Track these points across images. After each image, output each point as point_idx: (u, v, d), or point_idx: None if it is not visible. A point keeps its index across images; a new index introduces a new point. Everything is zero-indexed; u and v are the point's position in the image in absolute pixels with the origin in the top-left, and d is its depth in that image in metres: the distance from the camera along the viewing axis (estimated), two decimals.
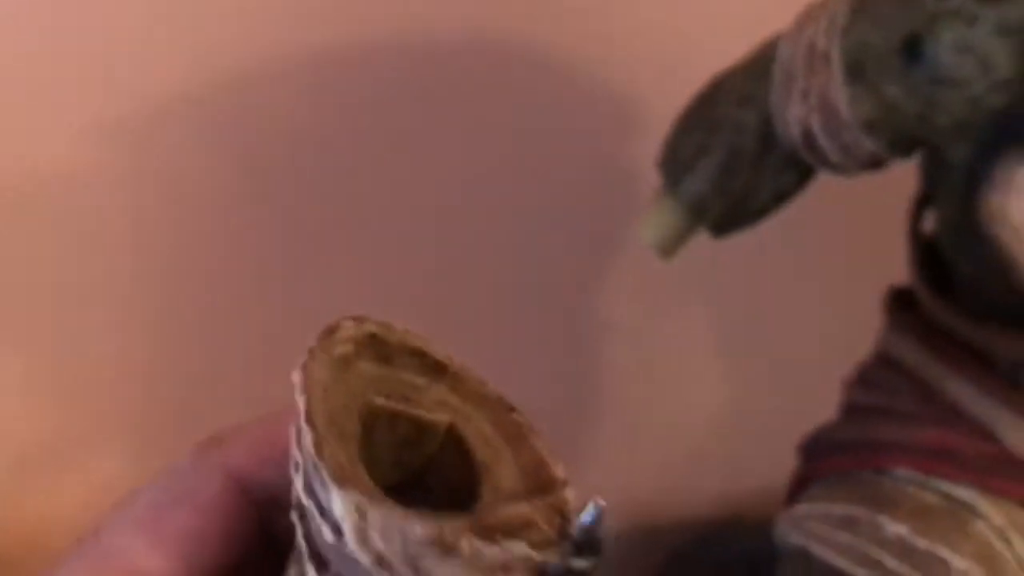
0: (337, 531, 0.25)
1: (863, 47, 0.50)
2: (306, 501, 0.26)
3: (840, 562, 0.55)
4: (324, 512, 0.25)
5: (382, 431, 0.28)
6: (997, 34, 0.48)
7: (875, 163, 0.52)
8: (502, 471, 0.27)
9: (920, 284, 0.58)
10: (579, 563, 0.27)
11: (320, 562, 0.26)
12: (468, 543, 0.25)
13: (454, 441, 0.28)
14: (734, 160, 0.55)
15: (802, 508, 0.58)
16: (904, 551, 0.54)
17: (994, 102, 0.49)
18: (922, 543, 0.53)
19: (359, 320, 0.28)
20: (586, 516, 0.27)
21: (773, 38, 0.55)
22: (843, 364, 0.62)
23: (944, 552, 0.53)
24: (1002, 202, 0.50)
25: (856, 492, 0.56)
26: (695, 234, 0.56)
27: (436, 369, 0.29)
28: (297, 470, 0.26)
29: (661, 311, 0.75)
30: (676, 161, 0.56)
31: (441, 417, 0.28)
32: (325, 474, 0.25)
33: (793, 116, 0.52)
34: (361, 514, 0.25)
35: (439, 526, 0.25)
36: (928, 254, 0.58)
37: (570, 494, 0.28)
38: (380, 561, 0.25)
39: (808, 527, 0.57)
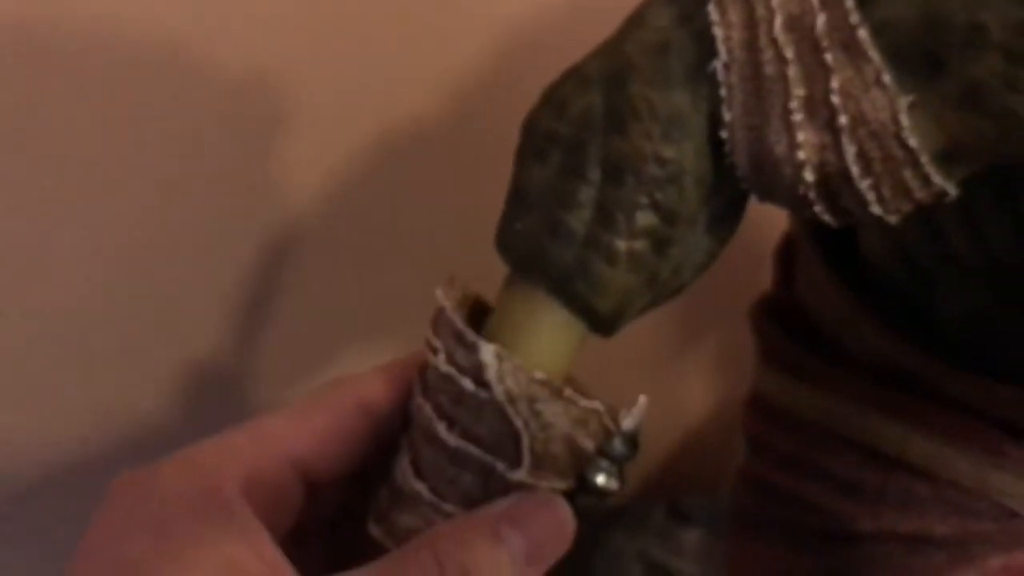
0: (478, 380, 0.34)
1: (934, 21, 0.31)
2: (448, 370, 0.34)
3: None
4: (465, 369, 0.34)
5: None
6: None
7: (921, 208, 0.34)
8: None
9: (879, 333, 0.43)
10: (624, 451, 0.36)
11: (450, 422, 0.35)
12: (569, 391, 0.34)
13: None
14: (667, 226, 0.35)
15: None
16: None
17: None
18: None
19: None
20: (635, 412, 0.36)
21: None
22: None
23: None
24: None
25: None
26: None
27: None
28: (424, 379, 0.36)
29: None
30: (554, 241, 0.35)
31: None
32: (470, 336, 0.34)
33: (797, 148, 0.33)
34: (499, 359, 0.34)
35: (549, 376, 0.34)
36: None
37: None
38: (509, 396, 0.34)
39: None
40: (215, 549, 0.32)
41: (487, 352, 0.34)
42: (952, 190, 0.33)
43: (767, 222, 0.48)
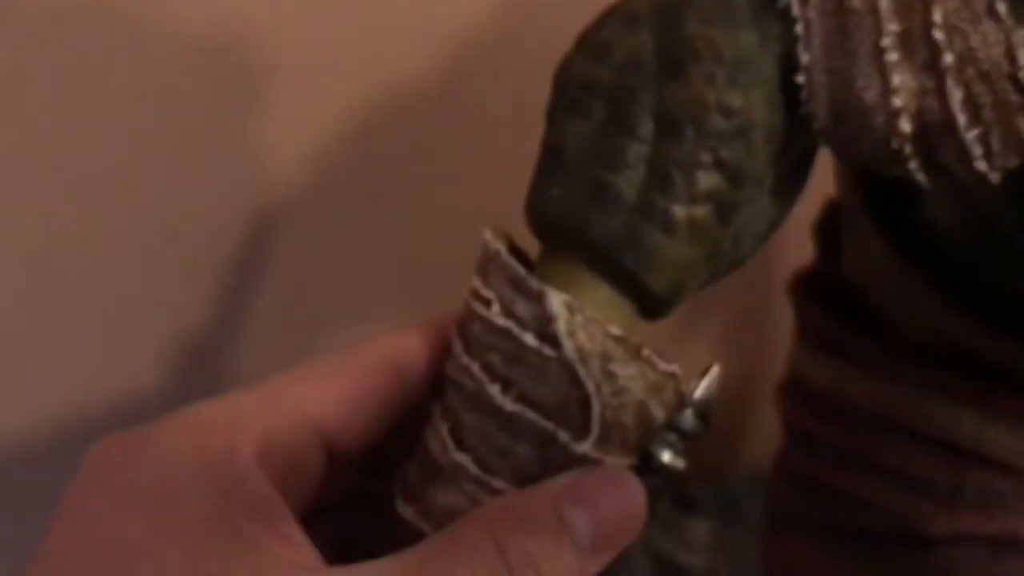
0: (543, 335, 0.30)
1: None
2: (505, 323, 0.30)
3: None
4: (526, 322, 0.30)
5: None
6: None
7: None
8: None
9: (941, 308, 0.39)
10: (696, 426, 0.32)
11: (505, 383, 0.30)
12: (647, 352, 0.31)
13: None
14: (733, 188, 0.30)
15: None
16: None
17: None
18: None
19: None
20: (708, 381, 0.32)
21: None
22: None
23: None
24: None
25: None
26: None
27: None
28: (467, 335, 0.31)
29: None
30: (599, 207, 0.30)
31: None
32: (534, 283, 0.30)
33: (893, 93, 0.29)
34: (570, 310, 0.30)
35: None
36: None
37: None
38: (581, 354, 0.30)
39: None
40: (231, 529, 0.26)
41: (556, 302, 0.30)
42: None
43: None
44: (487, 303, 0.31)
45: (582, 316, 0.30)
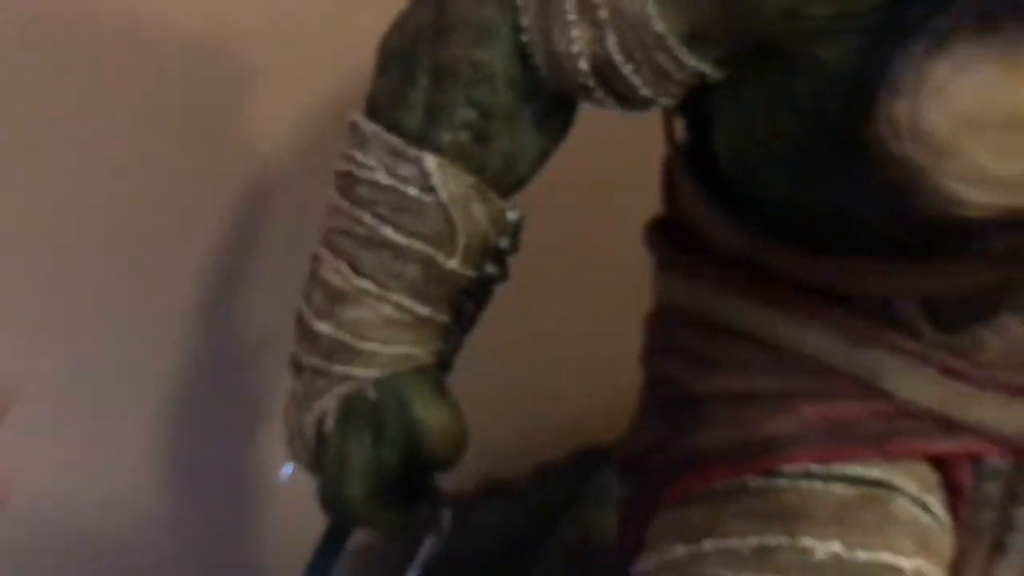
0: (422, 187, 0.43)
1: None
2: (390, 181, 0.44)
3: None
4: (409, 179, 0.44)
5: None
6: None
7: (692, 87, 0.41)
8: None
9: (715, 216, 0.48)
10: (508, 244, 0.46)
11: (395, 226, 0.44)
12: (491, 194, 0.45)
13: None
14: (484, 120, 0.43)
15: (678, 549, 0.47)
16: (846, 574, 0.44)
17: None
18: (862, 555, 0.44)
19: None
20: (514, 215, 0.45)
21: None
22: None
23: (888, 556, 0.45)
24: (911, 109, 0.38)
25: (752, 511, 0.46)
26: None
27: None
28: (351, 195, 0.45)
29: None
30: (405, 133, 0.43)
31: None
32: (413, 150, 0.44)
33: (572, 42, 0.41)
34: (441, 168, 0.43)
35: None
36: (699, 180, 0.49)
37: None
38: (451, 198, 0.44)
39: (705, 575, 0.46)
40: None
41: (431, 162, 0.42)
42: (709, 70, 0.41)
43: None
44: (371, 169, 0.43)
45: (451, 170, 0.42)
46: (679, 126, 0.51)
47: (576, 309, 0.82)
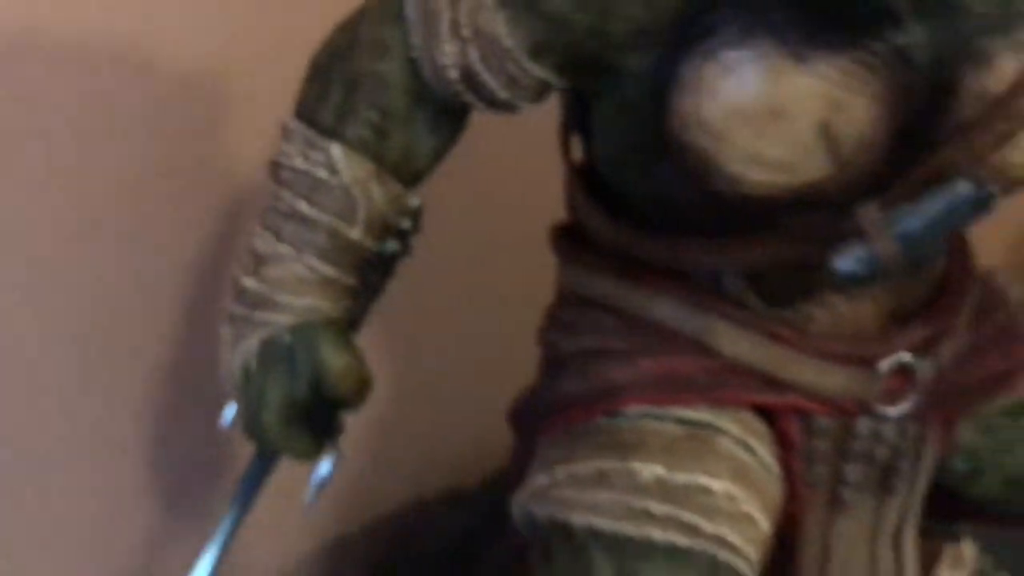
0: (330, 170, 0.54)
1: None
2: (305, 166, 0.55)
3: (604, 523, 0.54)
4: (320, 164, 0.54)
5: None
6: None
7: (544, 92, 0.52)
8: None
9: (593, 211, 0.58)
10: (410, 224, 0.56)
11: (308, 201, 0.55)
12: (387, 178, 0.55)
13: None
14: (384, 120, 0.54)
15: (541, 479, 0.57)
16: (666, 492, 0.54)
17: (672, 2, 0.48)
18: (681, 477, 0.54)
19: None
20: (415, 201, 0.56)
21: None
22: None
23: (703, 479, 0.54)
24: (694, 104, 0.49)
25: (597, 444, 0.56)
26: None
27: None
28: (279, 179, 0.57)
29: None
30: (319, 128, 0.54)
31: None
32: (323, 141, 0.55)
33: (446, 55, 0.52)
34: (346, 155, 0.54)
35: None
36: (586, 183, 0.59)
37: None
38: (353, 180, 0.54)
39: (558, 497, 0.56)
40: None
41: (337, 151, 0.54)
42: (552, 78, 0.52)
43: None
44: (291, 157, 0.54)
45: (354, 157, 0.53)
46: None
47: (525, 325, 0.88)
